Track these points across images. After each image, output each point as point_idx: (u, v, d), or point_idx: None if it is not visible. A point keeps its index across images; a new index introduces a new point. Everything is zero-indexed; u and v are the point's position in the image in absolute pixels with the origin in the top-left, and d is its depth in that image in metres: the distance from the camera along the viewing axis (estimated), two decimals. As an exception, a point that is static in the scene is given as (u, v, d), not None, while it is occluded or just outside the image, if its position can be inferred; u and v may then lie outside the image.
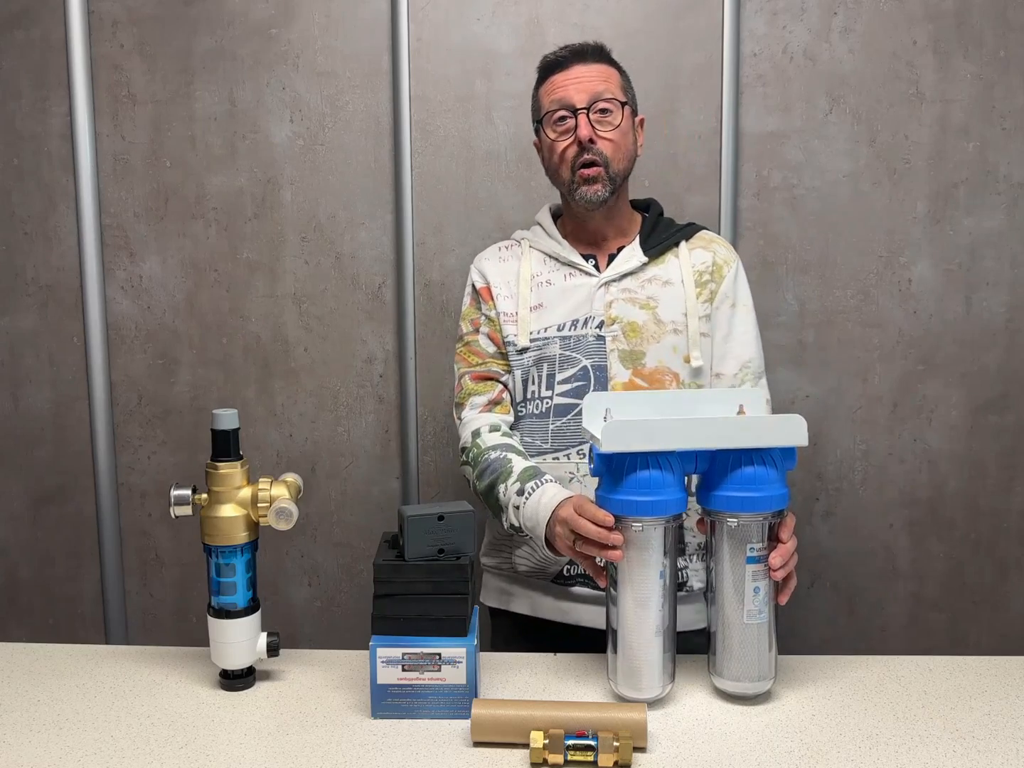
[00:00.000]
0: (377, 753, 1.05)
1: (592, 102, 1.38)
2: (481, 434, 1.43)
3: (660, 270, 1.46)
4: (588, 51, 1.41)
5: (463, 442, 1.46)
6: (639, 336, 1.42)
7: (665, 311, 1.43)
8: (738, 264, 1.50)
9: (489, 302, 1.50)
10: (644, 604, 1.12)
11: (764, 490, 1.12)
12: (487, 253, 1.55)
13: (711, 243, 1.50)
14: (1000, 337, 1.88)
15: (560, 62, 1.41)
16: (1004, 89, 1.81)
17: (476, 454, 1.41)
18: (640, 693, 1.14)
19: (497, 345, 1.49)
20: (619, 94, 1.41)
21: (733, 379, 1.46)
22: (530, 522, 1.30)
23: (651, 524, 1.11)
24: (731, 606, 1.14)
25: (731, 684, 1.15)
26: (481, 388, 1.48)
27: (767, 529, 1.13)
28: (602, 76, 1.40)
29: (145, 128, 1.90)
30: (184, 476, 1.98)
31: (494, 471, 1.37)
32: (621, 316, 1.43)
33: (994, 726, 1.09)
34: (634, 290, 1.44)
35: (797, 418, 1.12)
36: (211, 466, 1.19)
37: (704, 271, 1.46)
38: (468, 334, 1.51)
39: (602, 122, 1.39)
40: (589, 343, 1.43)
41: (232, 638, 1.19)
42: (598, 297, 1.44)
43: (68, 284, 1.94)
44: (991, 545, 1.93)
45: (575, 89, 1.39)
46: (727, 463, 1.13)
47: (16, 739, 1.08)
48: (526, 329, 1.45)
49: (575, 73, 1.40)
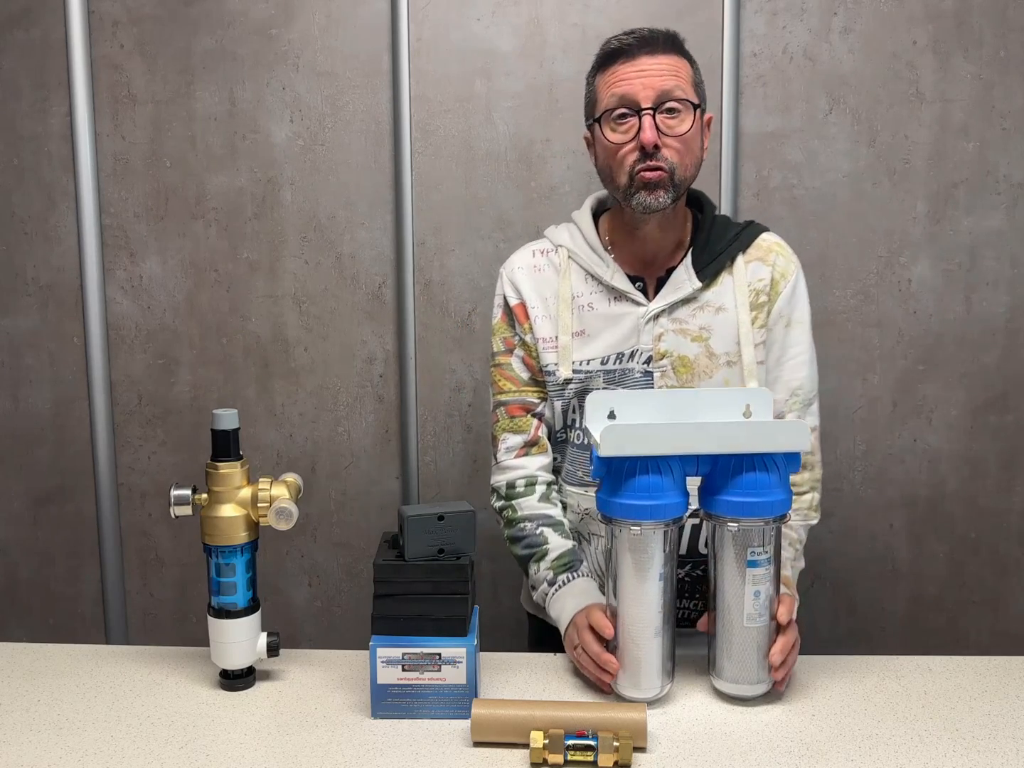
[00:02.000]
0: (377, 753, 1.05)
1: (660, 102, 1.22)
2: (517, 493, 1.38)
3: (713, 294, 1.32)
4: (659, 39, 1.24)
5: (497, 484, 1.42)
6: (690, 372, 1.32)
7: (718, 342, 1.32)
8: (797, 275, 1.36)
9: (524, 324, 1.37)
10: (644, 605, 1.13)
11: (765, 495, 1.11)
12: (519, 260, 1.40)
13: (770, 253, 1.35)
14: (1000, 337, 1.88)
15: (625, 50, 1.23)
16: (1004, 89, 1.81)
17: (511, 516, 1.38)
18: (640, 692, 1.14)
19: (532, 372, 1.39)
20: (691, 92, 1.25)
21: (781, 406, 1.36)
22: (554, 613, 1.31)
23: (651, 528, 1.11)
24: (731, 609, 1.14)
25: (730, 686, 1.15)
26: (516, 425, 1.39)
27: (768, 534, 1.13)
28: (672, 69, 1.23)
29: (145, 128, 1.89)
30: (184, 476, 1.98)
31: (528, 546, 1.35)
32: (671, 351, 1.32)
33: (994, 726, 1.09)
34: (685, 320, 1.32)
35: (800, 423, 1.12)
36: (211, 466, 1.19)
37: (761, 290, 1.34)
38: (501, 354, 1.40)
39: (670, 124, 1.23)
40: (635, 379, 1.33)
41: (232, 638, 1.19)
42: (646, 330, 1.32)
43: (68, 284, 1.94)
44: (991, 545, 1.93)
45: (641, 84, 1.22)
46: (729, 467, 1.12)
47: (16, 739, 1.08)
48: (568, 359, 1.34)
49: (642, 64, 1.22)
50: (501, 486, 1.42)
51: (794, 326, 1.36)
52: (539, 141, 1.84)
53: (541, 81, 1.83)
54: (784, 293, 1.34)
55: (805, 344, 1.37)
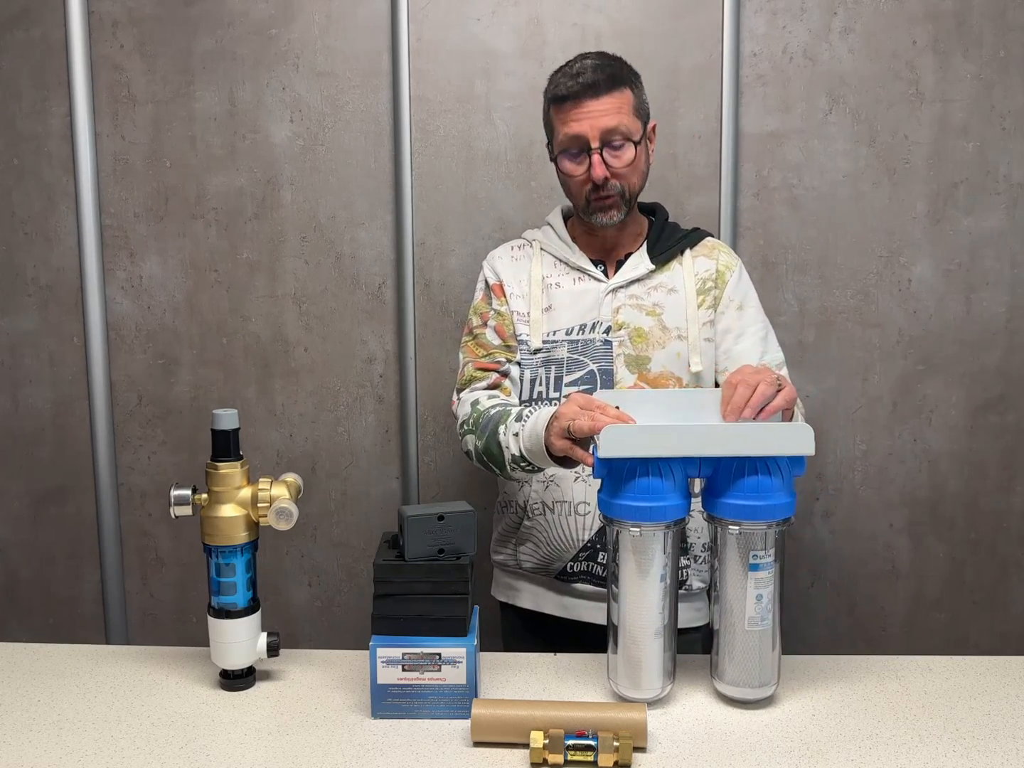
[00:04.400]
0: (377, 753, 1.05)
1: (605, 141, 1.37)
2: (480, 401, 1.45)
3: (666, 277, 1.48)
4: (600, 83, 1.37)
5: (462, 415, 1.48)
6: (645, 342, 1.45)
7: (670, 318, 1.46)
8: (740, 268, 1.53)
9: (501, 298, 1.52)
10: (645, 606, 1.12)
11: (768, 499, 1.09)
12: (500, 252, 1.57)
13: (714, 250, 1.52)
14: (1000, 337, 1.88)
15: (571, 96, 1.38)
16: (1004, 89, 1.81)
17: (476, 417, 1.42)
18: (640, 692, 1.14)
19: (503, 338, 1.50)
20: (633, 125, 1.39)
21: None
22: (528, 440, 1.29)
23: (651, 529, 1.11)
24: (733, 612, 1.13)
25: (731, 689, 1.15)
26: (483, 376, 1.50)
27: (771, 538, 1.12)
28: (615, 107, 1.37)
29: (145, 128, 1.90)
30: (184, 476, 1.98)
31: (495, 420, 1.38)
32: (628, 322, 1.46)
33: (994, 726, 1.09)
34: (641, 296, 1.47)
35: (804, 426, 1.09)
36: (211, 466, 1.19)
37: (707, 279, 1.49)
38: (477, 327, 1.53)
39: (615, 155, 1.39)
40: (596, 347, 1.46)
41: (232, 638, 1.19)
42: (606, 303, 1.47)
43: (68, 284, 1.94)
44: (991, 545, 1.93)
45: (588, 125, 1.37)
46: (731, 469, 1.10)
47: (16, 739, 1.08)
48: (539, 331, 1.48)
49: (586, 107, 1.37)
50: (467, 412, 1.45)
51: (746, 309, 1.51)
52: (539, 141, 1.84)
53: (541, 81, 1.81)
54: (731, 281, 1.50)
55: (760, 323, 1.51)
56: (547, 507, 1.48)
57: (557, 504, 1.47)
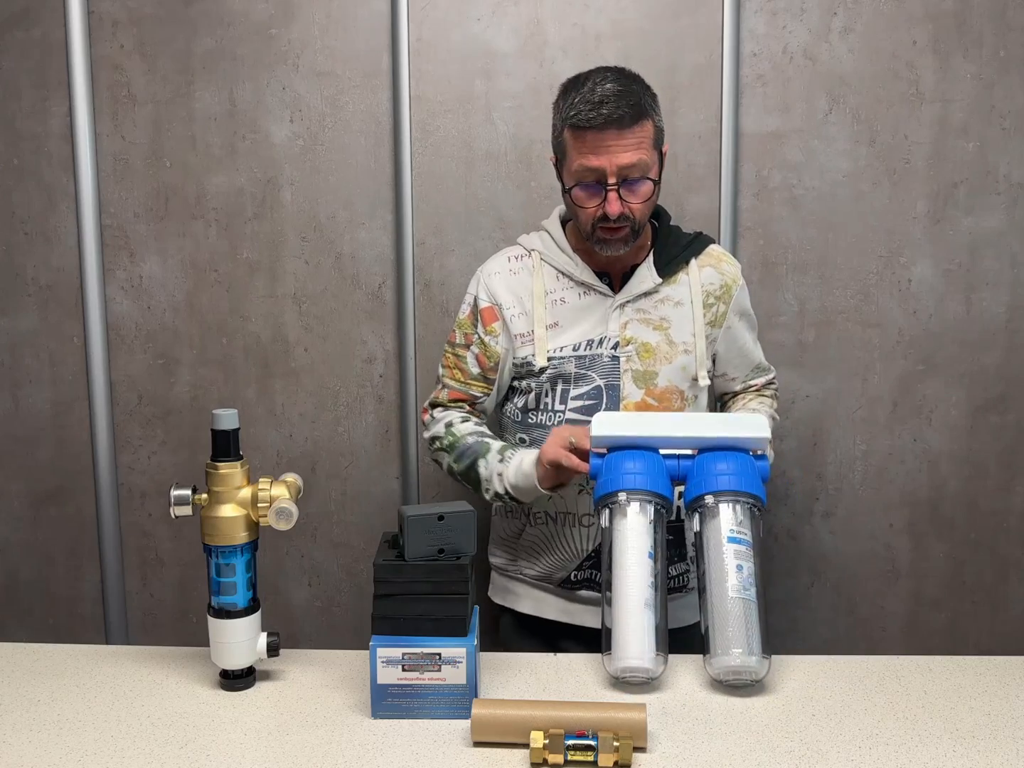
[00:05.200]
0: (377, 753, 1.05)
1: (623, 177, 1.34)
2: (455, 424, 1.49)
3: (672, 290, 1.48)
4: (625, 117, 1.31)
5: (434, 432, 1.51)
6: (653, 357, 1.45)
7: (677, 332, 1.46)
8: (742, 279, 1.56)
9: (489, 325, 1.49)
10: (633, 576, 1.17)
11: (738, 473, 1.21)
12: (495, 266, 1.51)
13: (720, 261, 1.52)
14: (1000, 337, 1.88)
15: (595, 125, 1.32)
16: (1004, 89, 1.81)
17: (452, 441, 1.47)
18: (630, 661, 1.15)
19: (483, 368, 1.51)
20: (652, 160, 1.36)
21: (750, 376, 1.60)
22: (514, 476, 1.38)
23: (638, 498, 1.19)
24: (716, 584, 1.18)
25: (723, 659, 1.15)
26: (456, 405, 1.53)
27: (744, 511, 1.20)
28: (636, 142, 1.33)
29: (145, 128, 1.89)
30: (184, 476, 1.98)
31: (474, 452, 1.44)
32: (635, 337, 1.45)
33: (994, 726, 1.09)
34: (648, 311, 1.46)
35: (759, 418, 1.30)
36: (211, 466, 1.19)
37: (712, 292, 1.50)
38: (459, 346, 1.53)
39: (632, 189, 1.35)
40: (604, 363, 1.45)
41: (232, 638, 1.19)
42: (613, 318, 1.45)
43: (68, 284, 1.94)
44: (991, 545, 1.93)
45: (608, 160, 1.32)
46: (704, 460, 1.24)
47: (16, 739, 1.08)
48: (544, 349, 1.45)
49: (608, 142, 1.32)
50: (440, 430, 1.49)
51: (743, 318, 1.56)
52: (539, 141, 1.84)
53: (541, 81, 1.83)
54: (737, 295, 1.53)
55: (754, 332, 1.60)
56: (550, 517, 1.48)
57: (560, 515, 1.47)
